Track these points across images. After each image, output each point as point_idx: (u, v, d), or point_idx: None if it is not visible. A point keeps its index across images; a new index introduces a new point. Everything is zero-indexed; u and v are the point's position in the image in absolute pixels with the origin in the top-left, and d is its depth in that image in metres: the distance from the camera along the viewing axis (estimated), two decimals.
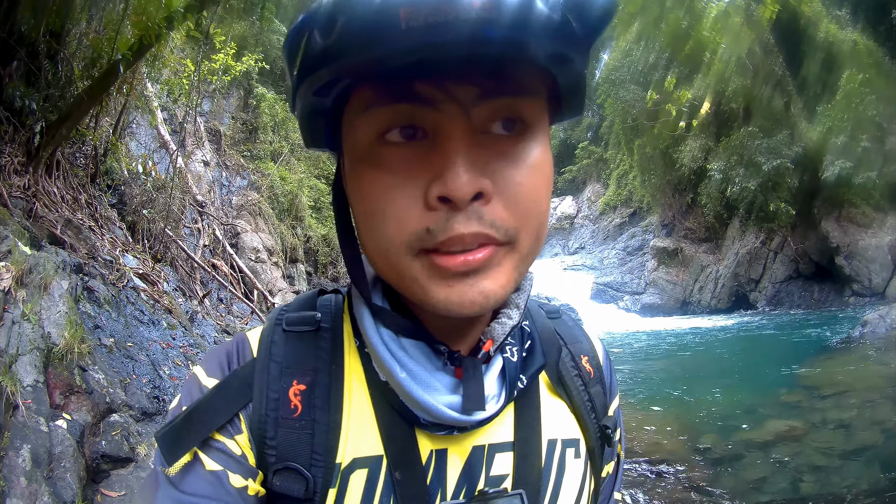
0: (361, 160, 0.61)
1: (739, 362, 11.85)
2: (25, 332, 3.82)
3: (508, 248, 0.60)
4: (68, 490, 3.24)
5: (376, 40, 0.48)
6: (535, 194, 0.60)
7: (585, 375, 0.85)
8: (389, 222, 0.59)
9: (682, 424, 7.51)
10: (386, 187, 0.58)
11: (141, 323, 5.71)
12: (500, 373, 0.71)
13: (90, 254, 5.89)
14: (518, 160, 0.59)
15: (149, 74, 8.81)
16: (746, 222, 21.09)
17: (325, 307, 0.77)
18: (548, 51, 0.53)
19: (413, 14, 0.46)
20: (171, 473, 0.64)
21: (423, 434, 0.71)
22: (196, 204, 11.57)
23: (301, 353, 0.72)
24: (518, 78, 0.57)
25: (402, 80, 0.54)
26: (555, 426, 0.79)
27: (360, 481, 0.68)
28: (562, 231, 33.03)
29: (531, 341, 0.78)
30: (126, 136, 9.62)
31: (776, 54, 18.72)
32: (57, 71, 6.35)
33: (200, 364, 0.73)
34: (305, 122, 0.64)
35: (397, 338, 0.69)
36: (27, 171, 5.74)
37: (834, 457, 6.04)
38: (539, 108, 0.61)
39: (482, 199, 0.57)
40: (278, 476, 0.66)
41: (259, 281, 11.69)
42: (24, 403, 3.42)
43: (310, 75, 0.56)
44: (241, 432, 0.67)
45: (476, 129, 0.57)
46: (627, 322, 21.74)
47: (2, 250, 4.19)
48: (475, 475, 0.72)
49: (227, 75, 13.42)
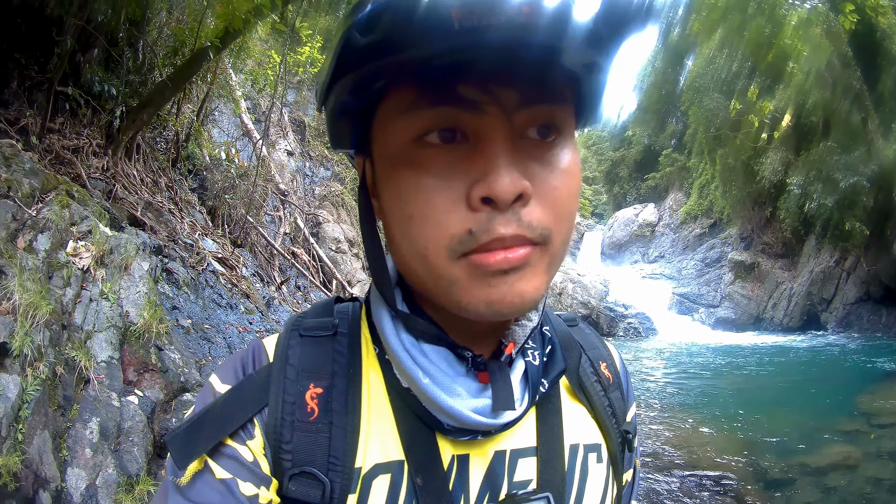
0: (398, 162, 0.60)
1: (803, 384, 11.72)
2: (103, 310, 3.92)
3: (542, 250, 0.60)
4: (134, 463, 3.29)
5: (427, 39, 0.49)
6: (568, 197, 0.61)
7: (605, 381, 0.86)
8: (430, 225, 0.58)
9: (741, 442, 7.52)
10: (426, 189, 0.58)
11: (218, 306, 5.81)
12: (523, 377, 0.71)
13: (170, 236, 6.04)
14: (553, 165, 0.60)
15: (233, 64, 9.00)
16: (822, 240, 20.30)
17: (343, 314, 0.77)
18: (582, 58, 0.55)
19: (466, 15, 0.47)
20: (180, 483, 0.63)
21: (445, 439, 0.70)
22: (278, 192, 11.80)
23: (318, 358, 0.71)
24: (555, 85, 0.58)
25: (445, 82, 0.55)
26: (576, 431, 0.79)
27: (384, 487, 0.66)
28: (643, 238, 32.27)
29: (551, 346, 0.78)
30: (208, 124, 9.95)
31: (854, 68, 17.73)
32: (137, 58, 6.58)
33: (216, 371, 0.73)
34: (334, 121, 0.65)
35: (418, 343, 0.68)
36: (106, 153, 5.96)
37: (883, 489, 5.96)
38: (569, 114, 0.62)
39: (521, 200, 0.57)
40: (294, 481, 0.65)
41: (338, 271, 11.85)
42: (96, 378, 3.49)
43: (349, 72, 0.56)
44: (255, 438, 0.66)
45: (516, 134, 0.58)
46: (700, 335, 21.48)
47: (82, 230, 4.30)
48: (498, 481, 0.71)
49: (313, 68, 13.63)
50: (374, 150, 0.65)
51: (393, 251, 0.68)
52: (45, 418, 2.97)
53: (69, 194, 4.53)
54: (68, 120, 5.79)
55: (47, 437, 2.92)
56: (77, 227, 4.30)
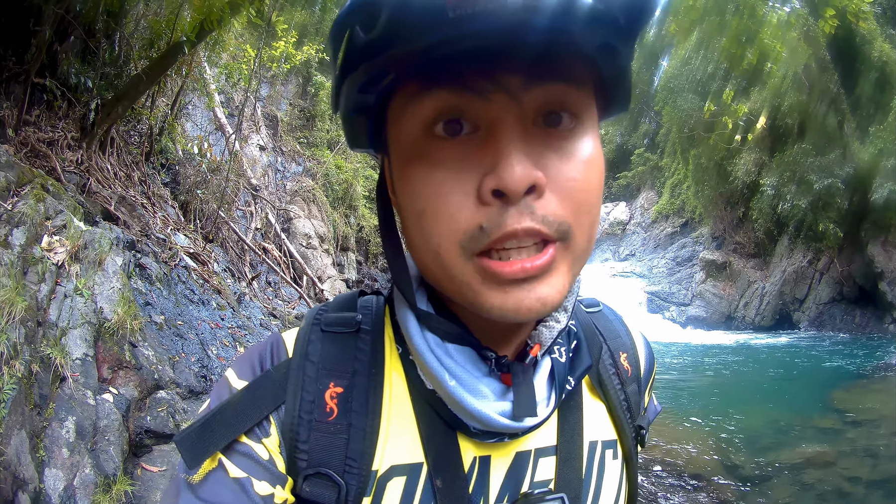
0: (410, 157, 0.59)
1: (777, 382, 11.87)
2: (77, 306, 3.88)
3: (562, 248, 0.58)
4: (110, 462, 3.28)
5: (423, 30, 0.48)
6: (588, 190, 0.58)
7: (623, 374, 0.84)
8: (441, 220, 0.57)
9: (715, 440, 7.59)
10: (437, 183, 0.57)
11: (191, 302, 5.77)
12: (549, 375, 0.70)
13: (143, 231, 5.98)
14: (571, 154, 0.57)
15: (208, 58, 8.91)
16: (795, 240, 20.69)
17: (366, 309, 0.75)
18: (593, 40, 0.53)
19: (459, 2, 0.46)
20: (193, 481, 0.62)
21: (467, 440, 0.69)
22: (250, 187, 11.71)
23: (339, 355, 0.70)
24: (564, 65, 0.55)
25: (449, 71, 0.54)
26: (595, 428, 0.79)
27: (398, 490, 0.65)
28: (613, 237, 32.61)
29: (577, 341, 0.76)
30: (182, 118, 9.82)
31: (832, 71, 18.15)
32: (114, 50, 6.49)
33: (233, 366, 0.71)
34: (348, 120, 0.64)
35: (443, 343, 0.67)
36: (80, 146, 5.88)
37: (860, 485, 6.08)
38: (587, 99, 0.59)
39: (535, 192, 0.55)
40: (309, 482, 0.64)
41: (309, 267, 11.80)
42: (72, 376, 3.46)
43: (354, 70, 0.55)
44: (270, 436, 0.65)
45: (527, 120, 0.56)
46: (671, 333, 21.64)
47: (56, 224, 4.25)
48: (519, 481, 0.70)
49: (288, 64, 13.53)
50: (389, 147, 0.64)
51: (410, 249, 0.66)
52: (21, 417, 2.94)
53: (44, 188, 4.47)
54: (44, 112, 5.69)
55: (24, 437, 2.89)
56: (52, 222, 4.24)
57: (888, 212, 16.50)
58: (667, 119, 26.43)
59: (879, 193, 16.23)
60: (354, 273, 14.99)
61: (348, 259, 15.02)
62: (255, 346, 0.73)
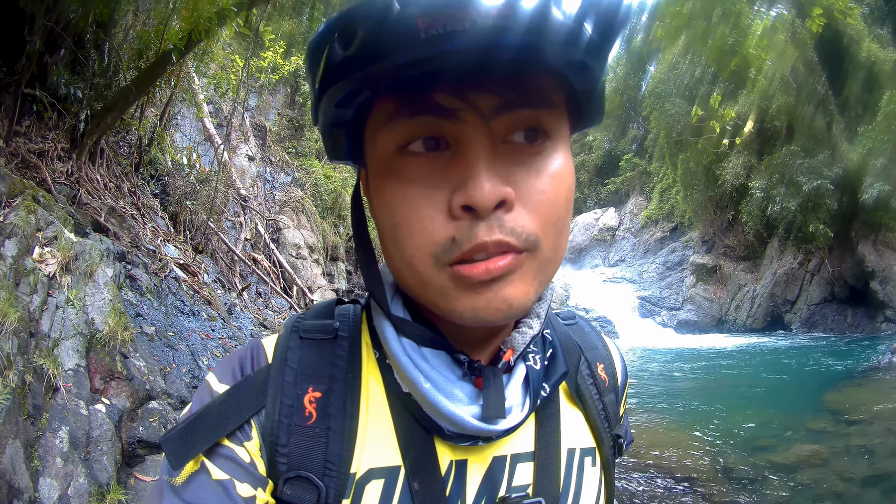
0: (385, 172, 0.61)
1: (769, 384, 11.80)
2: (69, 318, 3.88)
3: (529, 256, 0.59)
4: (104, 472, 3.28)
5: (397, 49, 0.49)
6: (555, 203, 0.60)
7: (601, 384, 0.86)
8: (415, 233, 0.59)
9: (708, 442, 7.50)
10: (410, 198, 0.59)
11: (181, 313, 5.76)
12: (524, 381, 0.71)
13: (133, 242, 5.97)
14: (539, 169, 0.60)
15: (196, 68, 8.92)
16: (785, 242, 20.72)
17: (344, 317, 0.77)
18: (564, 58, 0.54)
19: (430, 23, 0.47)
20: (176, 483, 0.63)
21: (444, 444, 0.70)
22: (239, 198, 11.67)
23: (317, 361, 0.71)
24: (537, 88, 0.57)
25: (422, 91, 0.55)
26: (573, 435, 0.80)
27: (376, 492, 0.67)
28: (603, 243, 32.58)
29: (553, 349, 0.77)
30: (171, 128, 9.79)
31: (819, 73, 18.25)
32: (103, 61, 6.50)
33: (214, 371, 0.72)
34: (327, 134, 0.65)
35: (418, 348, 0.68)
36: (70, 157, 5.87)
37: (855, 484, 6.05)
38: (559, 118, 0.61)
39: (504, 206, 0.57)
40: (289, 485, 0.65)
41: (299, 277, 11.77)
42: (64, 387, 3.46)
43: (331, 87, 0.57)
44: (252, 439, 0.66)
45: (497, 139, 0.58)
46: (663, 338, 21.58)
47: (47, 236, 4.25)
48: (496, 485, 0.72)
49: (276, 74, 13.54)
50: (366, 160, 0.66)
51: (385, 258, 0.68)
52: (16, 427, 2.94)
53: (35, 199, 4.46)
54: (34, 123, 5.68)
55: (19, 447, 2.89)
56: (43, 233, 4.24)
57: (878, 211, 16.65)
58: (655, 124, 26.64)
59: (869, 193, 16.37)
60: (344, 283, 14.94)
61: (338, 269, 14.97)
62: (235, 351, 0.75)
